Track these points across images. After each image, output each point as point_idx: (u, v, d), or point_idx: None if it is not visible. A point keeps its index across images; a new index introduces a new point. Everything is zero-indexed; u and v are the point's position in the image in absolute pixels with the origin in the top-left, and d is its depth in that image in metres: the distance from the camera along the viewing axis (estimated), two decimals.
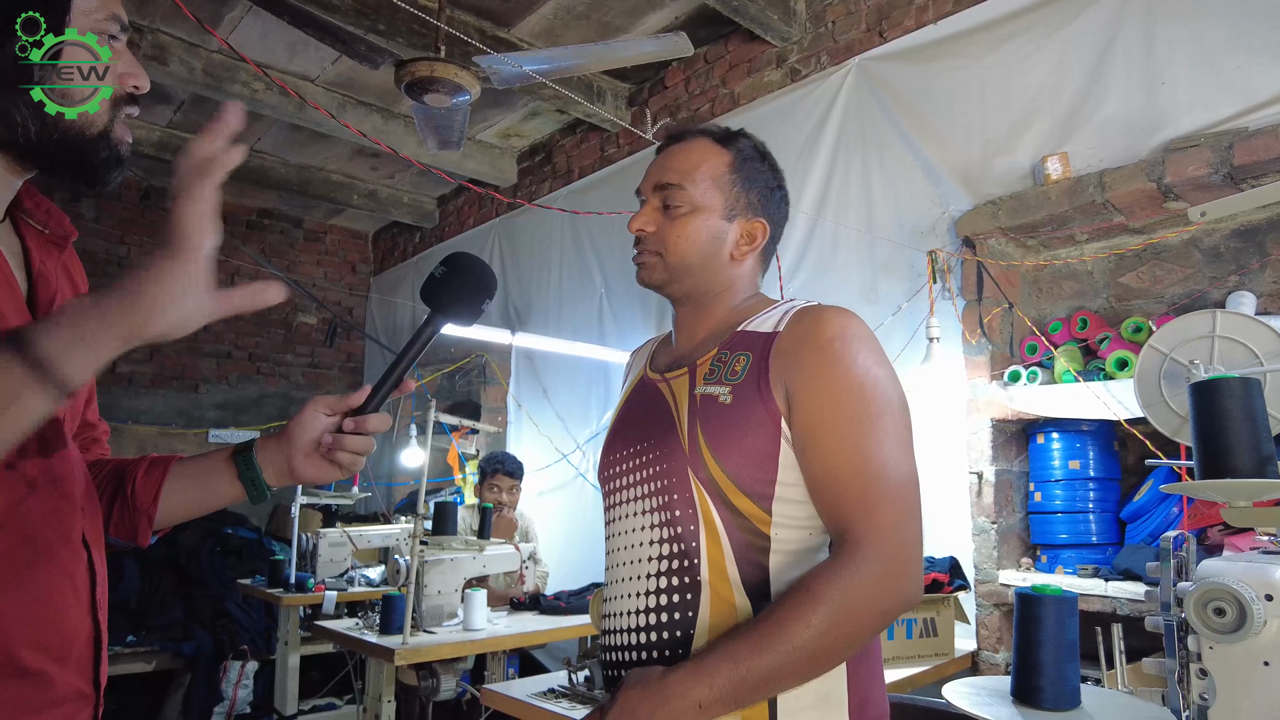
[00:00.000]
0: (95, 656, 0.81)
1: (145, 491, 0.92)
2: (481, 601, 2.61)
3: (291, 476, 0.92)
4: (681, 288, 1.12)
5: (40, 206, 0.87)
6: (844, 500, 0.93)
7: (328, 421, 0.92)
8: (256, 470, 0.91)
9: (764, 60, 3.52)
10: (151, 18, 3.57)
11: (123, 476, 0.94)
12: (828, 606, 0.86)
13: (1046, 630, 1.01)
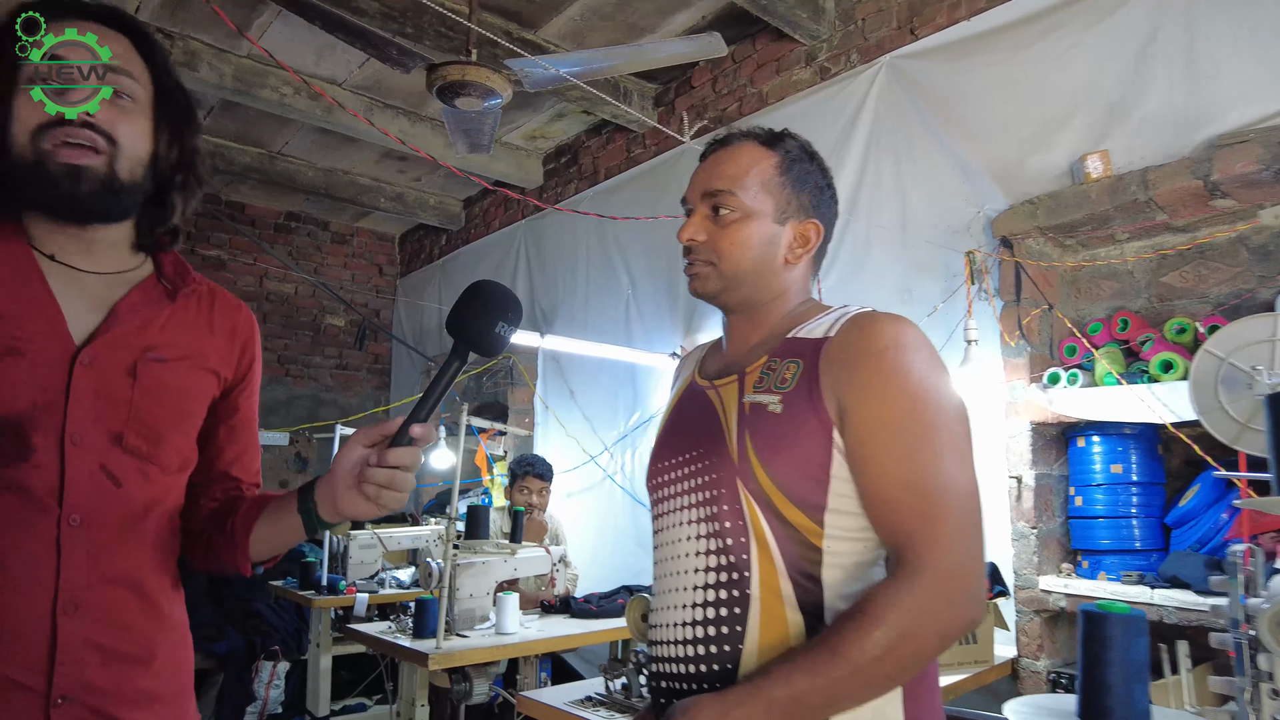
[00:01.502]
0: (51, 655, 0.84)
1: (243, 526, 0.99)
2: (514, 605, 2.61)
3: (335, 511, 0.93)
4: (737, 296, 1.10)
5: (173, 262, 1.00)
6: (901, 517, 0.91)
7: (363, 454, 0.90)
8: (310, 504, 0.94)
9: (793, 59, 3.49)
10: (182, 24, 3.61)
11: (232, 509, 1.01)
12: (887, 628, 0.84)
13: (1115, 650, 0.97)
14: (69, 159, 0.86)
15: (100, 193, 0.89)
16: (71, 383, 0.88)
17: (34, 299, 0.88)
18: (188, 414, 1.00)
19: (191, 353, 1.00)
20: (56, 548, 0.86)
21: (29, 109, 0.86)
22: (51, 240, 0.92)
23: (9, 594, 0.83)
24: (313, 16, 2.04)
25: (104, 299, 0.93)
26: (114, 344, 0.92)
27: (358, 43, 2.03)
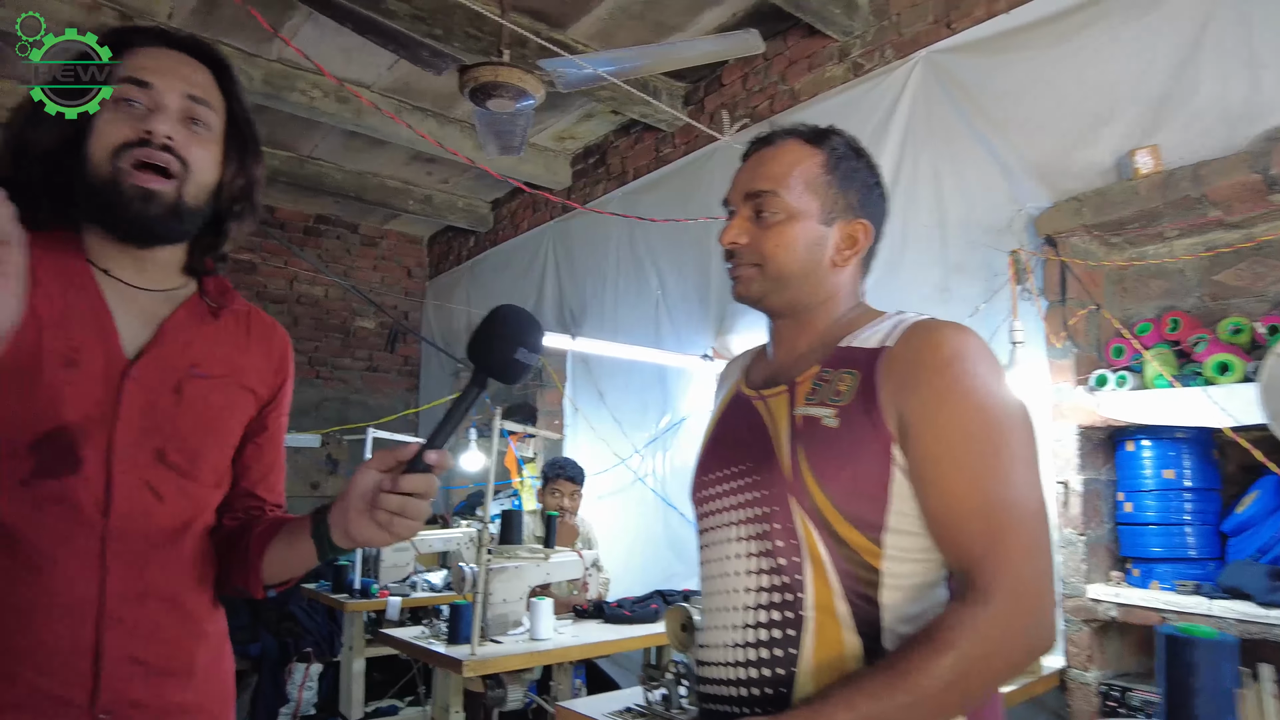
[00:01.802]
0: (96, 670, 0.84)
1: (257, 547, 0.97)
2: (548, 611, 2.58)
3: (347, 537, 0.89)
4: (782, 299, 1.06)
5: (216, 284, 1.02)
6: (969, 537, 0.86)
7: (377, 479, 0.87)
8: (323, 529, 0.91)
9: (825, 55, 3.43)
10: (212, 30, 3.63)
11: (248, 529, 0.99)
12: (957, 655, 0.80)
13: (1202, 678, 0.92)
14: (143, 182, 0.89)
15: (166, 217, 0.90)
16: (121, 397, 0.88)
17: (89, 312, 0.89)
18: (226, 431, 1.00)
19: (232, 371, 1.01)
20: (100, 562, 0.86)
21: (112, 126, 0.88)
22: (106, 255, 0.93)
23: (53, 608, 0.83)
24: (344, 19, 2.03)
25: (153, 315, 0.95)
26: (161, 360, 0.93)
27: (390, 45, 2.02)
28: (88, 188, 0.89)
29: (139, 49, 0.92)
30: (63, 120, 0.88)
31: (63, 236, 0.91)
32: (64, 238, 0.91)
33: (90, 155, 0.88)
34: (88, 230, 0.92)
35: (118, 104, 0.89)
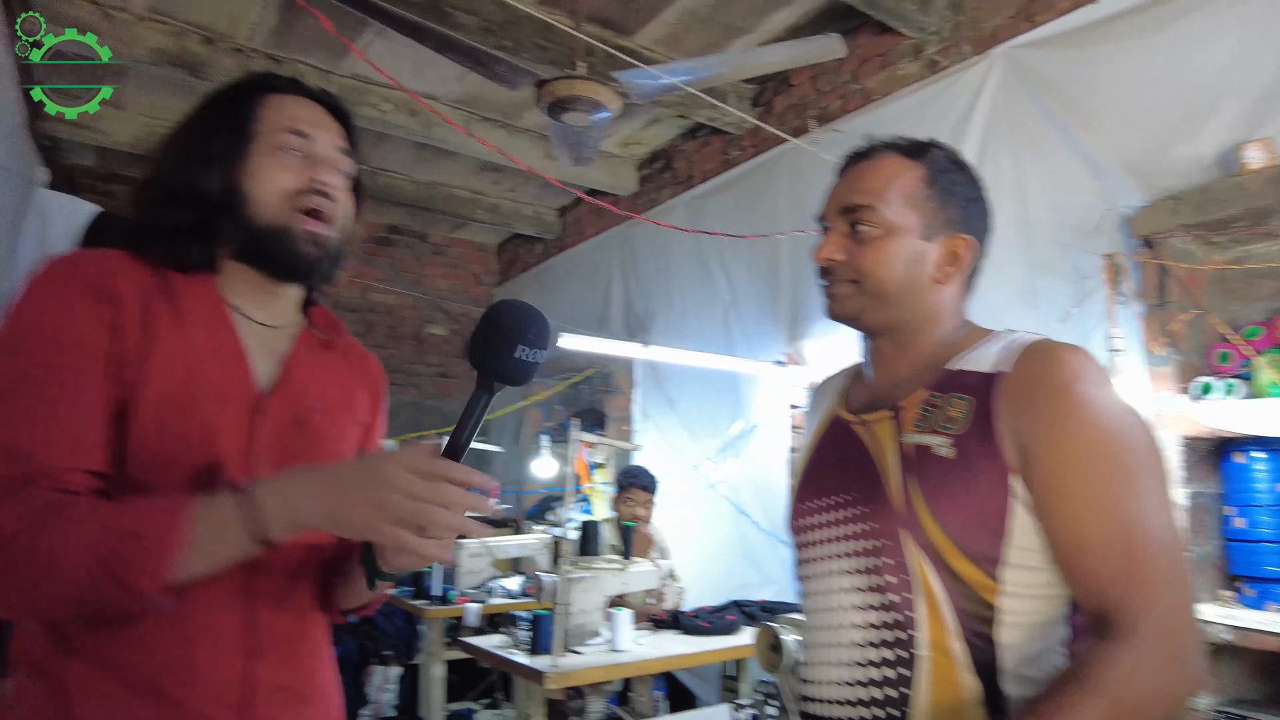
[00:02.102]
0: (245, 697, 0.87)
1: (331, 574, 1.01)
2: (628, 622, 2.58)
3: (387, 562, 0.88)
4: (880, 317, 1.02)
5: (322, 315, 1.05)
6: (1108, 573, 0.82)
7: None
8: (370, 555, 0.90)
9: (898, 53, 3.35)
10: (289, 49, 3.74)
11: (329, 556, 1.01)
12: (1109, 700, 0.75)
13: None
14: (313, 227, 0.93)
15: (325, 259, 0.95)
16: (257, 432, 0.91)
17: (229, 350, 0.92)
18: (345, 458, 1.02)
19: (344, 403, 1.03)
20: (246, 593, 0.88)
21: (281, 172, 0.92)
22: (240, 293, 0.95)
23: (208, 637, 0.86)
24: (423, 38, 2.06)
25: (275, 350, 0.97)
26: (287, 395, 0.95)
27: (466, 61, 2.04)
28: (252, 229, 0.92)
29: (288, 97, 0.96)
30: (224, 163, 0.91)
31: (199, 277, 0.93)
32: (201, 278, 0.93)
33: (259, 198, 0.92)
34: (228, 269, 0.95)
35: (280, 151, 0.93)
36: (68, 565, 0.71)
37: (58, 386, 0.79)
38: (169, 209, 0.91)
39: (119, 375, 0.82)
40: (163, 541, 0.73)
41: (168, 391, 0.84)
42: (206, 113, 0.95)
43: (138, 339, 0.84)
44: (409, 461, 0.75)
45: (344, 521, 0.76)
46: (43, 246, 3.07)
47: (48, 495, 0.75)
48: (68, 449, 0.78)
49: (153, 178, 0.94)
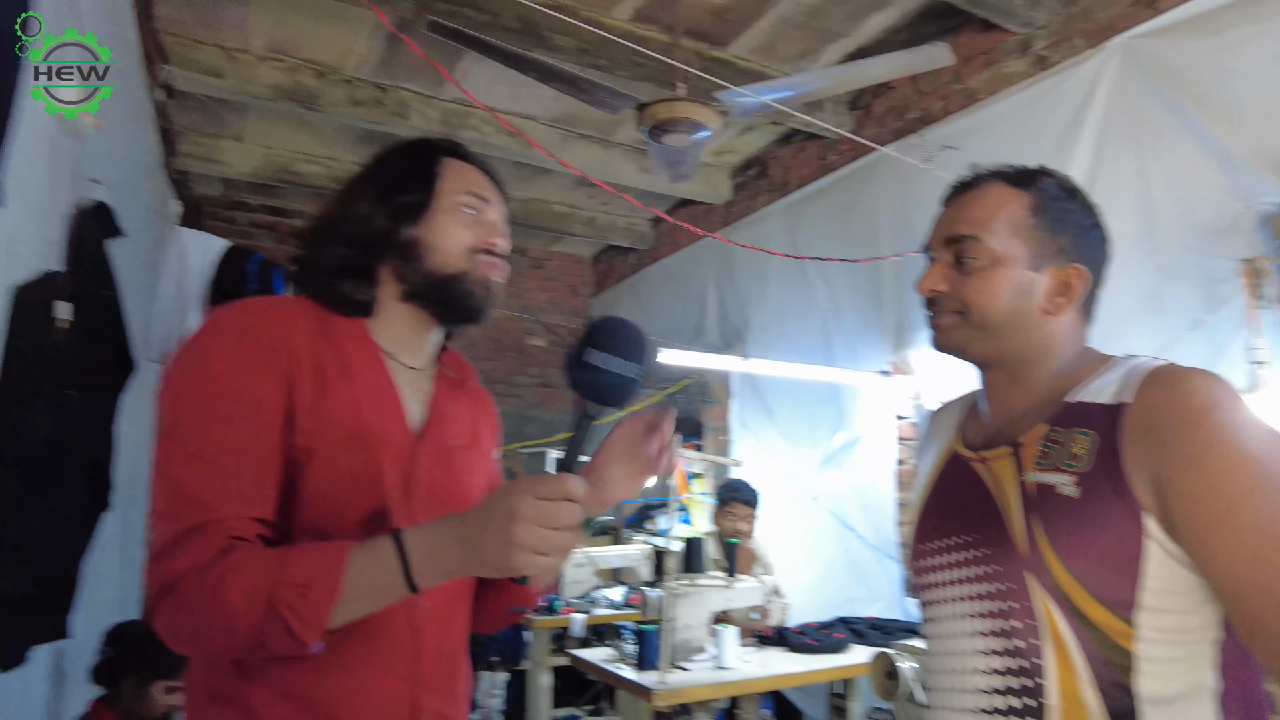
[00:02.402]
0: None
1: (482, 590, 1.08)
2: (734, 639, 2.57)
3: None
4: (987, 350, 0.99)
5: (452, 358, 1.11)
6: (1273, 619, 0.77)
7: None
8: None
9: (1004, 50, 3.22)
10: (394, 77, 3.89)
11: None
12: None
13: None
14: (492, 274, 1.02)
15: (490, 305, 1.02)
16: (415, 472, 0.96)
17: (388, 395, 0.97)
18: (478, 495, 1.06)
19: (475, 439, 1.09)
20: (412, 625, 0.94)
21: (464, 230, 1.00)
22: (392, 337, 1.01)
23: (379, 666, 0.91)
24: (525, 68, 2.11)
25: (420, 391, 1.03)
26: (435, 435, 1.01)
27: (569, 89, 2.09)
28: (433, 276, 0.98)
29: (463, 163, 1.05)
30: (412, 214, 0.98)
31: (354, 321, 0.99)
32: (355, 322, 0.99)
33: (444, 249, 0.98)
34: (386, 311, 1.01)
35: (461, 209, 1.00)
36: (241, 612, 0.77)
37: (235, 439, 0.84)
38: (344, 251, 0.98)
39: (294, 425, 0.88)
40: (328, 593, 0.77)
41: (339, 438, 0.90)
42: (392, 168, 1.01)
43: (311, 389, 0.89)
44: (532, 489, 0.78)
45: (482, 564, 0.80)
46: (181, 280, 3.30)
47: (221, 542, 0.80)
48: (241, 499, 0.84)
49: (330, 222, 1.00)
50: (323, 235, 1.00)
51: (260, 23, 3.42)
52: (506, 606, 1.10)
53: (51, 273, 1.76)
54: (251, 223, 5.46)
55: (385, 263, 0.99)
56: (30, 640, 1.74)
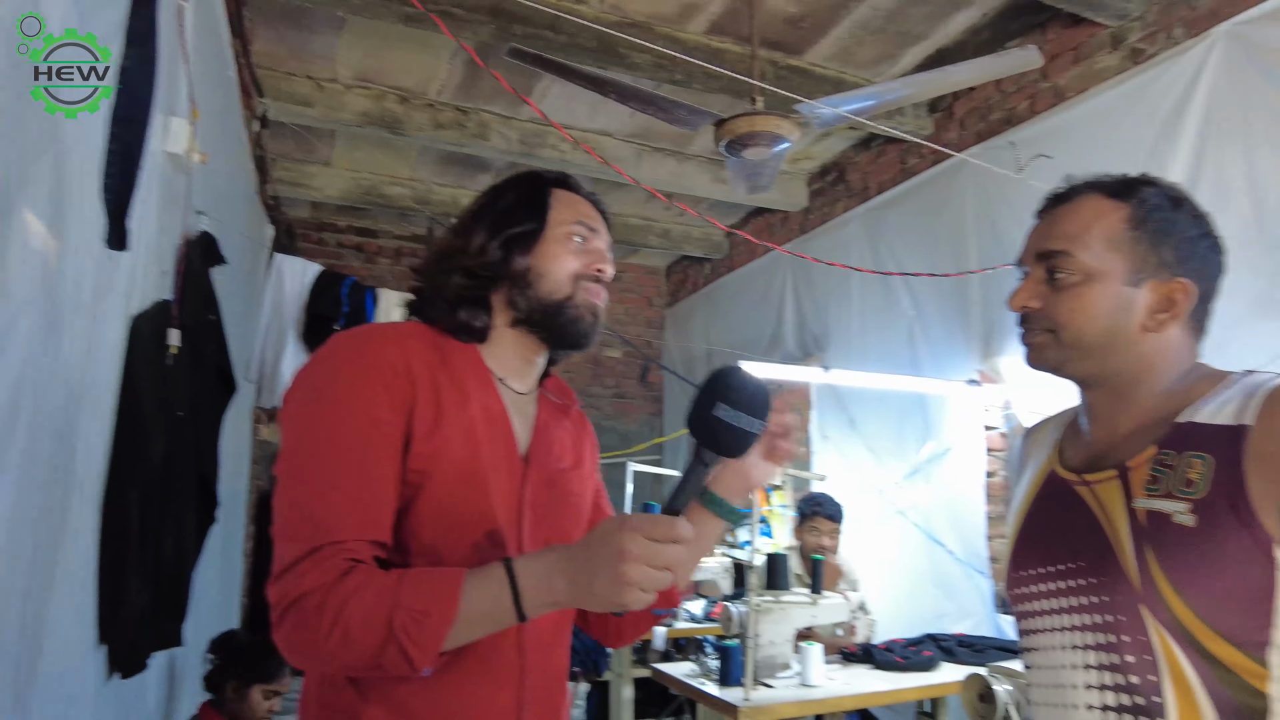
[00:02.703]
0: None
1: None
2: (819, 656, 2.53)
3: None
4: (1084, 369, 0.95)
5: (555, 383, 1.14)
6: None
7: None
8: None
9: (1095, 44, 3.10)
10: (474, 99, 3.99)
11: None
12: None
13: None
14: (596, 300, 1.05)
15: (595, 330, 1.06)
16: (524, 496, 0.99)
17: (500, 420, 1.00)
18: (583, 515, 1.10)
19: (578, 460, 1.11)
20: (519, 650, 0.96)
21: (572, 257, 1.03)
22: (503, 362, 1.04)
23: (490, 689, 0.94)
24: (605, 90, 2.14)
25: (527, 415, 1.06)
26: (541, 458, 1.03)
27: (648, 108, 2.11)
28: (544, 302, 1.01)
29: (573, 194, 1.08)
30: (526, 243, 1.02)
31: (468, 347, 1.03)
32: (469, 348, 1.03)
33: (554, 276, 1.02)
34: (497, 338, 1.04)
35: (570, 238, 1.04)
36: (359, 634, 0.80)
37: (356, 464, 0.88)
38: (461, 280, 1.02)
39: (412, 449, 0.91)
40: (443, 620, 0.80)
41: (453, 463, 0.93)
42: (506, 200, 1.06)
43: (429, 415, 0.92)
44: (643, 529, 0.79)
45: (588, 597, 0.81)
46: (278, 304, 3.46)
47: (341, 564, 0.84)
48: (361, 522, 0.87)
49: (448, 252, 1.04)
50: (441, 265, 1.03)
51: (348, 53, 3.56)
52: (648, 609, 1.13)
53: (163, 302, 1.87)
54: (340, 243, 5.68)
55: (497, 290, 1.03)
56: (150, 648, 1.85)
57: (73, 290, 1.31)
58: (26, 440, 1.14)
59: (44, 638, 1.29)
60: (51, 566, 1.32)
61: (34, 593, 1.25)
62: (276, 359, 3.73)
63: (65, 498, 1.37)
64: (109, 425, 1.58)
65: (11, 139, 1.04)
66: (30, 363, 1.14)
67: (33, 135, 1.11)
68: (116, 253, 1.48)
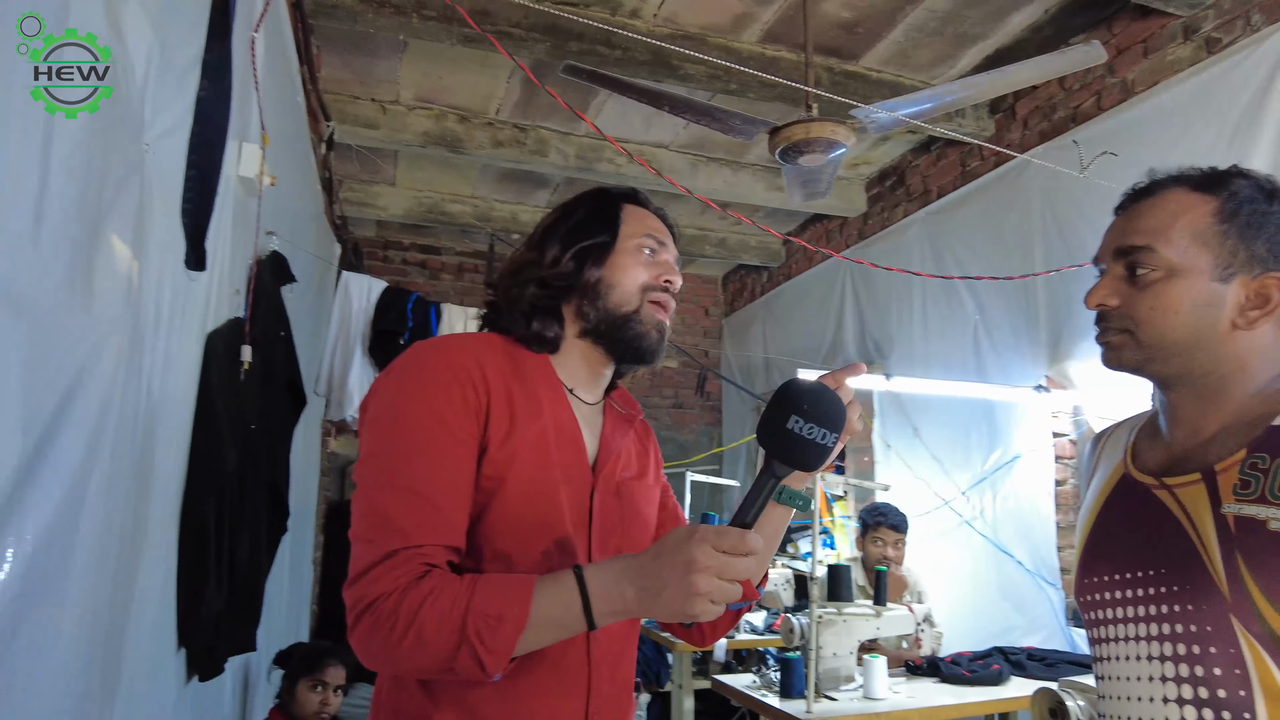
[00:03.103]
0: None
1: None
2: (882, 669, 2.48)
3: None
4: (1166, 370, 0.92)
5: (621, 395, 1.16)
6: None
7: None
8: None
9: (1165, 36, 2.99)
10: (532, 117, 4.06)
11: None
12: None
13: None
14: (661, 315, 1.07)
15: (662, 343, 1.08)
16: (593, 505, 1.01)
17: (571, 430, 1.03)
18: (650, 524, 1.12)
19: (643, 470, 1.13)
20: (587, 659, 0.97)
21: (641, 269, 1.06)
22: (573, 374, 1.07)
23: (559, 696, 0.95)
24: (659, 103, 2.16)
25: (595, 426, 1.08)
26: (609, 468, 1.05)
27: (702, 119, 2.11)
28: (613, 314, 1.04)
29: (642, 209, 1.12)
30: (598, 256, 1.05)
31: (540, 358, 1.06)
32: (541, 359, 1.06)
33: (623, 288, 1.05)
34: (568, 349, 1.07)
35: (640, 251, 1.07)
36: (433, 638, 0.82)
37: (433, 471, 0.90)
38: (535, 292, 1.05)
39: (486, 456, 0.94)
40: (515, 627, 0.82)
41: (527, 472, 0.95)
42: (578, 214, 1.09)
43: (503, 424, 0.95)
44: (714, 540, 0.80)
45: (658, 607, 0.82)
46: (345, 319, 3.58)
47: (417, 569, 0.86)
48: (436, 528, 0.89)
49: (523, 265, 1.07)
50: (516, 277, 1.06)
51: (409, 75, 3.67)
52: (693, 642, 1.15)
53: (236, 319, 1.95)
54: (404, 260, 5.83)
55: (569, 301, 1.06)
56: (227, 653, 1.92)
57: (153, 310, 1.38)
58: (112, 453, 1.20)
59: (127, 643, 1.35)
60: (134, 573, 1.38)
61: (119, 600, 1.32)
62: (344, 373, 3.85)
63: (146, 507, 1.44)
64: (186, 437, 1.65)
65: (101, 170, 1.11)
66: (116, 380, 1.20)
67: (119, 165, 1.18)
68: (194, 273, 1.56)
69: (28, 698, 0.97)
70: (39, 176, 0.94)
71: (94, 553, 1.16)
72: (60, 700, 1.08)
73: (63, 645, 1.08)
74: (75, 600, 1.10)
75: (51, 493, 1.00)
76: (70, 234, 1.03)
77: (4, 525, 0.91)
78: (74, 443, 1.06)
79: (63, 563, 1.05)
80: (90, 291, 1.10)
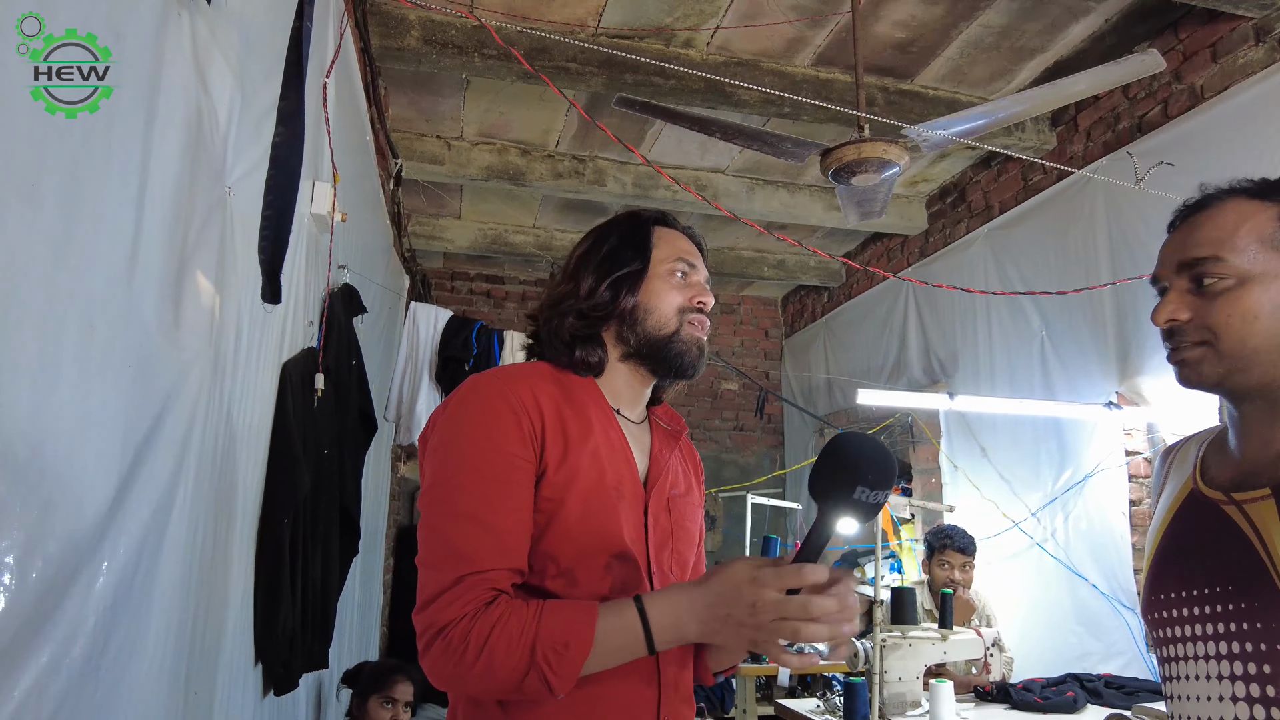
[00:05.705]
0: None
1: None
2: (949, 695, 2.43)
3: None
4: (1248, 381, 0.89)
5: (665, 411, 1.19)
6: None
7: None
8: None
9: (1234, 39, 2.90)
10: (590, 148, 4.15)
11: None
12: None
13: None
14: (699, 334, 1.11)
15: (701, 360, 1.12)
16: (647, 520, 1.05)
17: (621, 449, 1.07)
18: (695, 539, 1.14)
19: (689, 486, 1.16)
20: (655, 670, 1.00)
21: (676, 292, 1.10)
22: (618, 394, 1.12)
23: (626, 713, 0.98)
24: (711, 130, 2.20)
25: (643, 443, 1.12)
26: (659, 484, 1.09)
27: (754, 144, 2.14)
28: (652, 336, 1.08)
29: (673, 231, 1.16)
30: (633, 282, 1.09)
31: (586, 381, 1.10)
32: (588, 382, 1.10)
33: (660, 311, 1.09)
34: (612, 371, 1.11)
35: (673, 274, 1.11)
36: (504, 663, 0.86)
37: (495, 498, 0.94)
38: (574, 322, 1.09)
39: (544, 480, 0.98)
40: (581, 652, 0.87)
41: (584, 491, 0.99)
42: (610, 242, 1.12)
43: (558, 448, 0.99)
44: (777, 582, 0.83)
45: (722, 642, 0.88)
46: (413, 348, 3.71)
47: (485, 594, 0.90)
48: (501, 553, 0.93)
49: (560, 298, 1.11)
50: (555, 310, 1.11)
51: (472, 112, 3.80)
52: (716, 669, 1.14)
53: (310, 349, 2.06)
54: (471, 290, 6.00)
55: (608, 327, 1.10)
56: (301, 669, 2.00)
57: (233, 340, 1.48)
58: (195, 475, 1.29)
59: (205, 658, 1.43)
60: (214, 591, 1.47)
61: (206, 615, 1.40)
62: (413, 399, 3.97)
63: (227, 528, 1.52)
64: (263, 461, 1.75)
65: (188, 213, 1.20)
66: (199, 406, 1.29)
67: (204, 207, 1.27)
68: (270, 305, 1.66)
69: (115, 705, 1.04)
70: (134, 221, 1.03)
71: (178, 569, 1.24)
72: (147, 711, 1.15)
73: (147, 657, 1.15)
74: (160, 614, 1.18)
75: (141, 512, 1.08)
76: (159, 272, 1.12)
77: (103, 538, 0.99)
78: (163, 465, 1.15)
79: (148, 578, 1.13)
80: (177, 324, 1.19)
